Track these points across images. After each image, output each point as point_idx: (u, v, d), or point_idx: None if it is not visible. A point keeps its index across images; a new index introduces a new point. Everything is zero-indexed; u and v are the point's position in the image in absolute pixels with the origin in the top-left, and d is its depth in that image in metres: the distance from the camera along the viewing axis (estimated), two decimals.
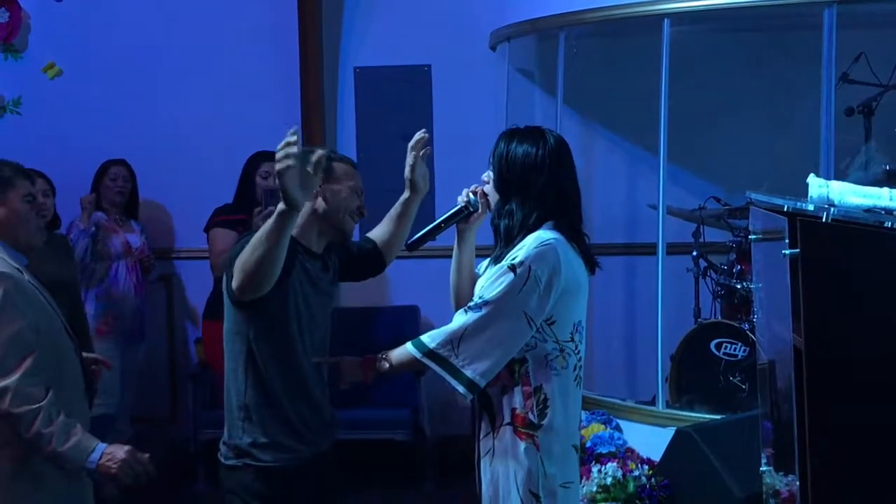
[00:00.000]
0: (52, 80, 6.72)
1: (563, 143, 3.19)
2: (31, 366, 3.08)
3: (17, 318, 3.10)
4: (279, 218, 2.89)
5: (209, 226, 5.88)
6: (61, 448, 3.08)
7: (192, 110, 6.65)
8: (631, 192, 6.48)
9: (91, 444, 3.13)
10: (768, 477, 3.26)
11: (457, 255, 3.34)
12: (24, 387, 3.06)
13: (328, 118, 6.64)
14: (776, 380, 3.12)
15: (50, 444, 3.07)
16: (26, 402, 3.05)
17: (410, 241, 3.31)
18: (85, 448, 3.12)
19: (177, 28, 6.67)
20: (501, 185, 3.17)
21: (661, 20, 5.21)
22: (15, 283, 3.14)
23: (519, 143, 3.15)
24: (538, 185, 3.11)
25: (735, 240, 5.64)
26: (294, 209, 2.88)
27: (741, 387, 5.25)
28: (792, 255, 2.50)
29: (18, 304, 3.12)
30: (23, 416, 3.05)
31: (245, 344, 3.19)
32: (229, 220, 5.77)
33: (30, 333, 3.12)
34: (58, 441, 3.08)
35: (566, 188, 3.16)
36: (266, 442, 3.22)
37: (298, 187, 2.83)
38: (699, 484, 4.54)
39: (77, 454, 3.11)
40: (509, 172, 3.14)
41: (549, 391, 3.09)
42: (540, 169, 3.11)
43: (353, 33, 6.67)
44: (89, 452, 3.12)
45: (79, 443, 3.11)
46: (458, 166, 5.49)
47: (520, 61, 6.32)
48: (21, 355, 3.08)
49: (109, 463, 3.12)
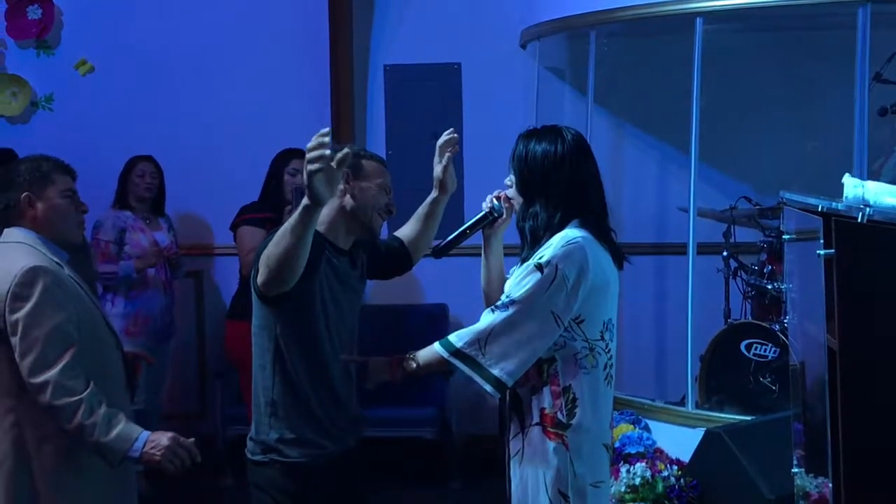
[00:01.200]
0: (84, 76, 6.76)
1: (581, 139, 3.18)
2: (71, 359, 3.09)
3: (57, 312, 3.12)
4: (303, 212, 2.89)
5: (236, 224, 5.87)
6: (104, 438, 3.08)
7: (222, 107, 6.67)
8: (661, 192, 6.46)
9: (134, 433, 3.12)
10: (799, 479, 3.23)
11: (485, 260, 3.35)
12: (65, 380, 3.07)
13: (358, 116, 6.64)
14: (808, 381, 3.09)
15: (93, 434, 3.08)
16: (67, 394, 3.06)
17: (436, 249, 3.31)
18: (128, 437, 3.11)
19: (208, 25, 6.69)
20: (523, 187, 3.16)
21: (693, 19, 5.18)
22: (55, 278, 3.16)
23: (537, 143, 3.14)
24: (560, 184, 3.10)
25: (766, 240, 5.61)
26: (318, 205, 2.87)
27: (772, 388, 5.22)
28: (826, 255, 2.47)
29: (59, 298, 3.14)
30: (64, 408, 3.06)
31: (272, 340, 3.20)
32: (256, 217, 5.76)
33: (70, 327, 3.13)
34: (100, 431, 3.08)
35: (588, 184, 3.15)
36: (293, 438, 3.23)
37: (324, 183, 2.83)
38: (729, 485, 4.52)
39: (120, 444, 3.10)
40: (530, 173, 3.13)
41: (578, 390, 3.07)
42: (560, 167, 3.10)
43: (383, 31, 6.68)
44: (133, 441, 3.11)
45: (122, 432, 3.10)
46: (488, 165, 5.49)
47: (550, 60, 6.31)
48: (62, 349, 3.09)
49: (153, 451, 3.11)
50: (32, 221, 3.27)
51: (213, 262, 6.84)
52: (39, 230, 3.27)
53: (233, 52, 6.67)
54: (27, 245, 3.22)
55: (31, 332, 3.09)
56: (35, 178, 3.28)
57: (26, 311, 3.10)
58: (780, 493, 4.11)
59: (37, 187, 3.27)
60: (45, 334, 3.09)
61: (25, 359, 3.08)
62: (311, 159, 2.81)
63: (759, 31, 5.99)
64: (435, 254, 3.33)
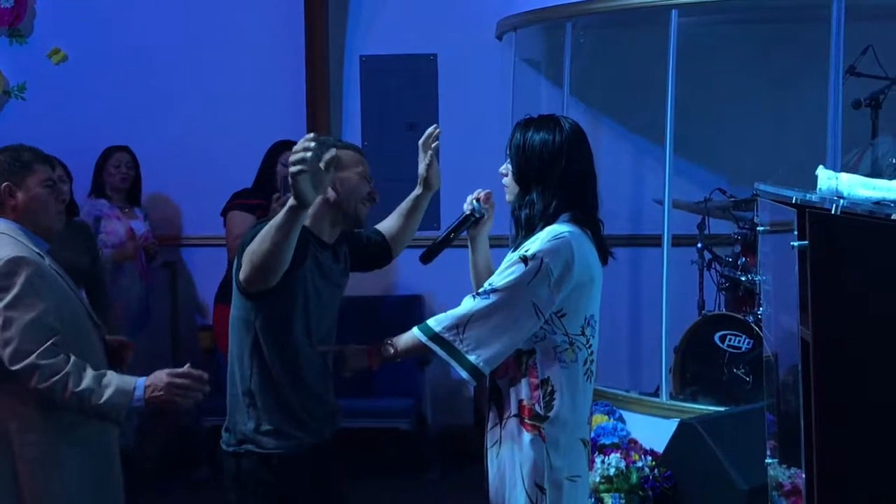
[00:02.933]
0: (57, 65, 6.71)
1: (578, 129, 3.18)
2: (52, 346, 3.08)
3: (37, 303, 3.10)
4: (289, 212, 2.87)
5: (227, 209, 5.89)
6: (102, 400, 3.07)
7: (197, 98, 6.64)
8: (636, 184, 6.48)
9: (130, 384, 3.11)
10: (772, 469, 3.25)
11: (472, 259, 3.37)
12: (46, 361, 3.05)
13: (333, 107, 6.63)
14: (781, 372, 3.11)
15: (91, 399, 3.06)
16: (53, 374, 3.05)
17: (423, 255, 3.31)
18: (126, 390, 3.09)
19: (183, 15, 6.66)
20: (520, 175, 3.15)
21: (669, 11, 5.20)
22: (36, 268, 3.14)
23: (536, 132, 3.14)
24: (557, 173, 3.10)
25: (740, 232, 5.64)
26: (304, 206, 2.86)
27: (745, 379, 5.25)
28: (800, 247, 2.49)
29: (39, 288, 3.12)
30: (53, 387, 3.05)
31: (251, 331, 3.19)
32: (247, 203, 5.78)
33: (51, 318, 3.11)
34: (96, 395, 3.06)
35: (585, 173, 3.16)
36: (269, 429, 3.22)
37: (310, 184, 2.82)
38: (702, 476, 4.54)
39: (121, 398, 3.09)
40: (528, 162, 3.13)
41: (556, 383, 3.08)
42: (558, 156, 3.10)
43: (358, 22, 6.66)
44: (132, 391, 3.09)
45: (118, 387, 3.09)
46: (464, 156, 5.52)
47: (526, 51, 6.31)
48: (42, 340, 3.08)
49: (156, 393, 3.09)
50: (13, 211, 3.25)
51: (188, 253, 6.81)
52: (20, 220, 3.25)
53: (208, 42, 6.63)
54: (8, 235, 3.20)
55: (12, 322, 3.07)
56: (15, 168, 3.26)
57: (7, 302, 3.09)
58: (754, 484, 4.13)
59: (17, 177, 3.25)
60: (25, 324, 3.07)
61: (6, 348, 3.07)
62: (293, 162, 2.80)
63: (734, 24, 6.01)
64: (422, 260, 3.32)
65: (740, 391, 5.25)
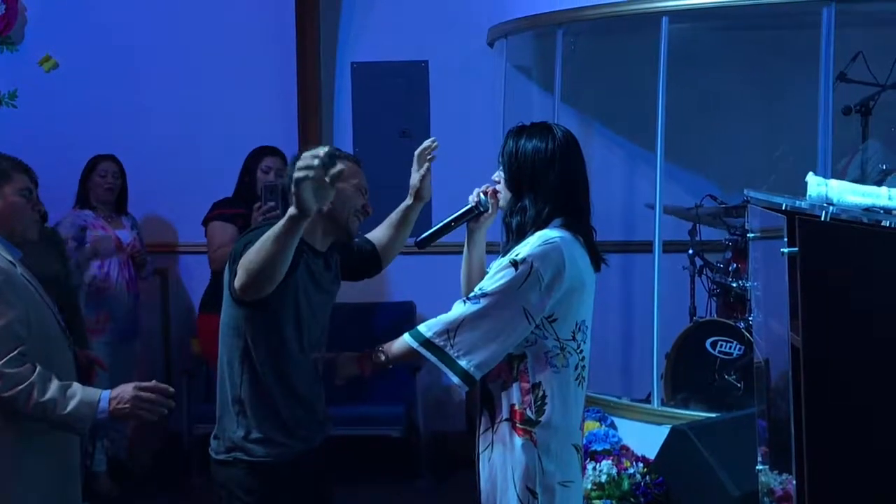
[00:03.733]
0: (49, 73, 6.70)
1: (571, 137, 3.19)
2: (17, 355, 3.07)
3: (6, 311, 3.09)
4: (289, 222, 2.85)
5: (207, 219, 5.85)
6: (66, 410, 3.06)
7: (188, 105, 6.63)
8: (628, 190, 6.49)
9: (95, 396, 3.11)
10: (763, 475, 3.26)
11: (467, 254, 3.36)
12: (11, 370, 3.05)
13: (325, 113, 6.63)
14: (772, 378, 3.11)
15: (54, 410, 3.06)
16: (16, 383, 3.04)
17: (420, 239, 3.30)
18: (91, 402, 3.10)
19: (174, 22, 6.65)
20: (513, 182, 3.16)
21: (659, 17, 5.21)
22: (6, 276, 3.13)
23: (528, 139, 3.15)
24: (550, 180, 3.11)
25: (731, 238, 5.65)
26: (305, 215, 2.84)
27: (736, 385, 5.25)
28: (790, 253, 2.49)
29: (8, 297, 3.11)
30: (17, 396, 3.04)
31: (241, 338, 3.18)
32: (228, 213, 5.74)
33: (19, 326, 3.10)
34: (60, 406, 3.06)
35: (577, 181, 3.17)
36: (259, 437, 3.21)
37: (312, 195, 2.80)
38: (694, 482, 4.54)
39: (85, 409, 3.09)
40: (520, 169, 3.14)
41: (547, 388, 3.08)
42: (551, 163, 3.11)
43: (350, 28, 6.66)
44: (97, 403, 3.09)
45: (82, 399, 3.09)
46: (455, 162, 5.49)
47: (517, 58, 6.32)
48: (10, 348, 3.07)
49: (121, 405, 3.10)
50: None
51: (179, 260, 6.81)
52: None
53: (199, 50, 6.63)
54: None
55: None
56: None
57: None
58: (746, 490, 4.13)
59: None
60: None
61: None
62: (300, 168, 2.78)
63: (724, 31, 6.02)
64: (418, 245, 3.32)
65: (732, 397, 5.25)
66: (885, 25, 5.63)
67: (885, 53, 5.26)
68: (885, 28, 5.61)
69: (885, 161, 5.13)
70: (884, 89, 5.25)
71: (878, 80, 5.24)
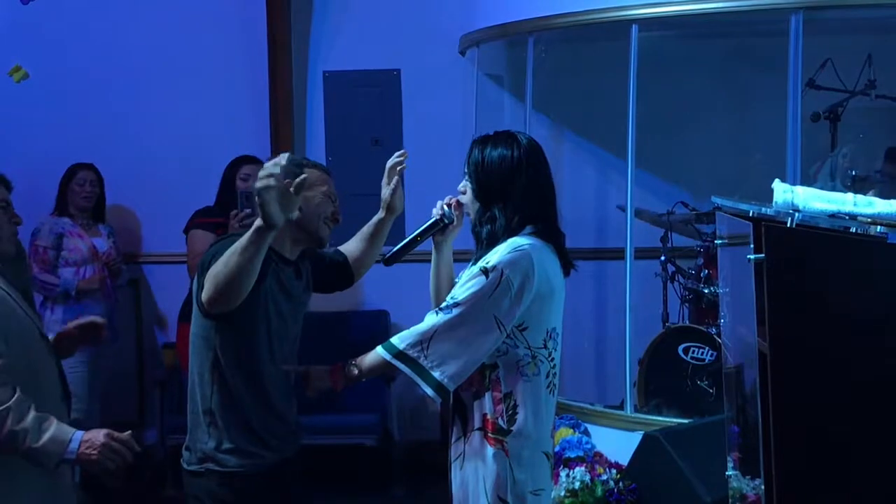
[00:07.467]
0: (19, 83, 6.66)
1: (535, 144, 3.20)
2: None
3: None
4: (255, 234, 2.84)
5: (188, 227, 5.84)
6: (37, 444, 3.01)
7: (160, 115, 6.62)
8: (600, 197, 6.51)
9: (67, 435, 3.05)
10: (735, 481, 3.27)
11: (435, 266, 3.36)
12: None
13: (297, 122, 6.62)
14: (742, 384, 3.13)
15: (25, 441, 3.00)
16: None
17: (387, 257, 3.29)
18: (62, 439, 3.04)
19: (145, 32, 6.64)
20: (481, 192, 3.16)
21: (629, 26, 5.24)
22: None
23: (493, 148, 3.15)
24: (518, 188, 3.11)
25: (702, 244, 5.68)
26: (271, 227, 2.83)
27: (709, 391, 5.28)
28: (757, 259, 2.51)
29: None
30: None
31: (211, 349, 3.17)
32: (209, 222, 5.73)
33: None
34: (32, 437, 3.00)
35: (544, 187, 3.17)
36: (230, 447, 3.20)
37: (278, 205, 2.80)
38: (667, 488, 4.56)
39: (55, 447, 3.03)
40: (487, 179, 3.14)
41: (519, 397, 3.09)
42: (518, 171, 3.12)
43: (322, 37, 6.66)
44: (67, 443, 3.04)
45: (54, 435, 3.03)
46: (428, 171, 5.52)
47: (489, 66, 6.33)
48: None
49: (89, 451, 3.04)
50: None
51: (152, 270, 6.78)
52: None
53: (171, 59, 6.62)
54: None
55: None
56: None
57: None
58: (718, 496, 4.15)
59: None
60: None
61: None
62: (261, 177, 2.77)
63: (694, 38, 6.05)
64: (386, 262, 3.31)
65: (704, 403, 5.28)
66: (853, 32, 5.69)
67: (852, 60, 5.31)
68: (852, 35, 5.66)
69: (855, 167, 5.18)
70: (852, 95, 5.31)
71: (847, 86, 5.29)
